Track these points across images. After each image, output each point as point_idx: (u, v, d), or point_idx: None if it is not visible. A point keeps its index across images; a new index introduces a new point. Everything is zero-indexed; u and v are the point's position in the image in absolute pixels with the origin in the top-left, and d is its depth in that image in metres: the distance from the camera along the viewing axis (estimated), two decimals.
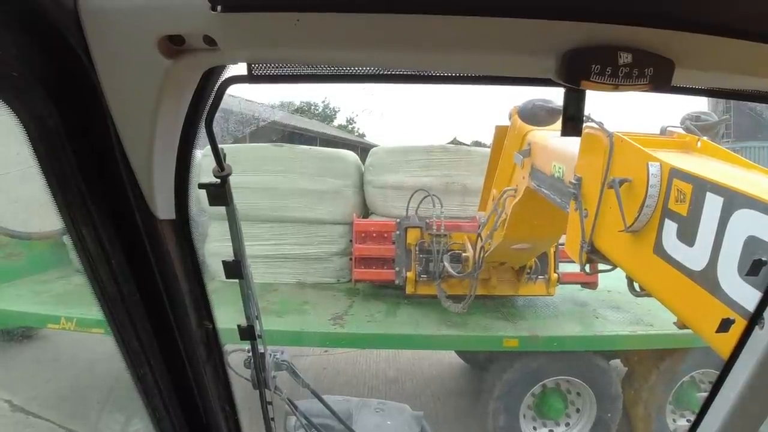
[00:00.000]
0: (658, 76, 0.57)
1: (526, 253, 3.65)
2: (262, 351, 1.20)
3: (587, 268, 1.90)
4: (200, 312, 0.89)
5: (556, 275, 4.21)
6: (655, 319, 3.88)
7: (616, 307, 4.32)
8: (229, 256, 0.99)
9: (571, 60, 0.56)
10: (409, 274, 4.14)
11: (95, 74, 0.58)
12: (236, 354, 1.17)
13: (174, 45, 0.57)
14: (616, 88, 0.57)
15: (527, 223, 2.90)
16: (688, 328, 1.40)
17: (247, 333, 1.10)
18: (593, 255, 1.78)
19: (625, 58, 0.55)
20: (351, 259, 4.64)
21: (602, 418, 3.82)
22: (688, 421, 3.92)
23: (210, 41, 0.57)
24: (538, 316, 4.25)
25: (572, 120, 0.66)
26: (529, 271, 4.12)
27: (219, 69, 0.66)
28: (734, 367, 1.03)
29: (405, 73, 0.73)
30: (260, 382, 1.24)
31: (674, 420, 3.97)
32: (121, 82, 0.59)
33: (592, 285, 4.40)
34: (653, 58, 0.56)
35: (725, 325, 1.09)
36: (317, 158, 5.01)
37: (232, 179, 0.84)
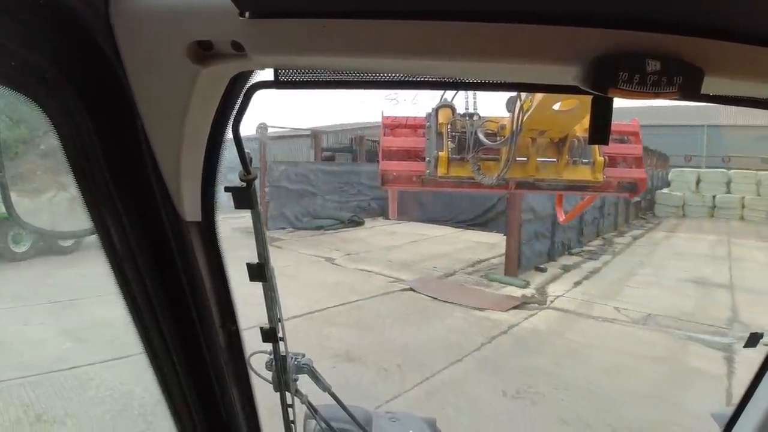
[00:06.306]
0: (687, 84, 0.55)
1: (568, 117, 3.36)
2: (284, 354, 1.20)
3: None
4: (224, 313, 0.89)
5: (602, 159, 3.88)
6: None
7: None
8: None
9: (598, 67, 0.54)
10: (441, 154, 3.96)
11: (126, 78, 0.59)
12: (258, 356, 1.17)
13: (203, 50, 0.58)
14: (644, 96, 0.55)
15: None
16: None
17: (270, 335, 1.11)
18: None
19: (653, 65, 0.53)
20: (378, 161, 4.69)
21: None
22: None
23: (238, 47, 0.57)
24: None
25: (600, 127, 0.64)
26: (570, 149, 3.80)
27: (246, 74, 0.66)
28: None
29: (431, 79, 0.72)
30: (281, 384, 1.24)
31: None
32: (151, 86, 0.60)
33: (640, 183, 4.09)
34: (682, 66, 0.54)
35: (754, 340, 1.05)
36: None
37: None
